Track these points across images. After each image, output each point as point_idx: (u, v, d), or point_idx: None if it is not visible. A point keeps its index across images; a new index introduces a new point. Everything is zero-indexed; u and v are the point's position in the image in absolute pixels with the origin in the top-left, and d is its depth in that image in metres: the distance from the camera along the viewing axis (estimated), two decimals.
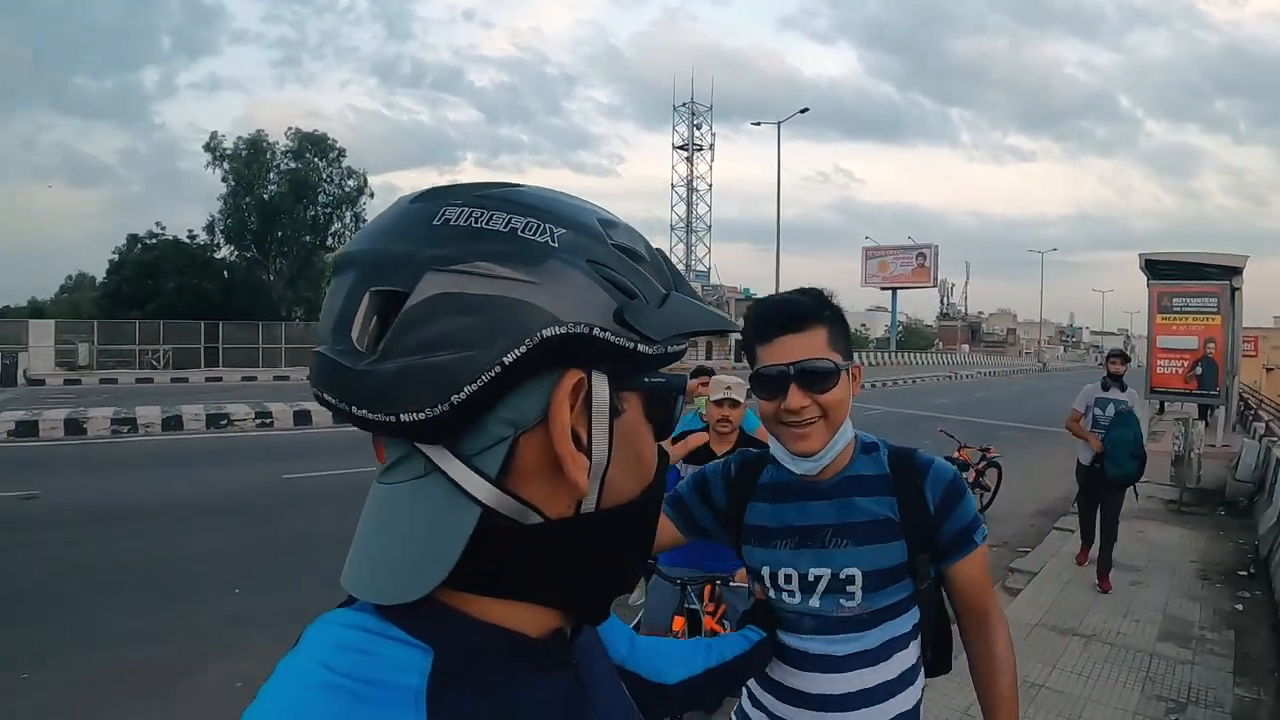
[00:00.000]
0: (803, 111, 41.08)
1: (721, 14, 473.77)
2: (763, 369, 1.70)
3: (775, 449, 1.82)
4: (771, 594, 1.83)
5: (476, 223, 0.65)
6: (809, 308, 1.71)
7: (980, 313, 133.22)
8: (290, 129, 48.83)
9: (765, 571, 1.82)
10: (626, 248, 0.70)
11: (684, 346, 0.71)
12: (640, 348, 0.66)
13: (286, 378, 32.43)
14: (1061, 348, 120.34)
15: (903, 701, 1.78)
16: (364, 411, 0.63)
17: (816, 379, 1.66)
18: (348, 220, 49.65)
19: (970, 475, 9.55)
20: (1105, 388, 7.40)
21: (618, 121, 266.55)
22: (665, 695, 1.39)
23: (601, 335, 0.64)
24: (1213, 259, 13.72)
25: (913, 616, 1.81)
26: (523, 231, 0.65)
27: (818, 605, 1.75)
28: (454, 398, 0.61)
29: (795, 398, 1.65)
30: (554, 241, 0.65)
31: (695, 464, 4.21)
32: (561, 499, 0.68)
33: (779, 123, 40.11)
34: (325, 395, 0.66)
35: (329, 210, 49.51)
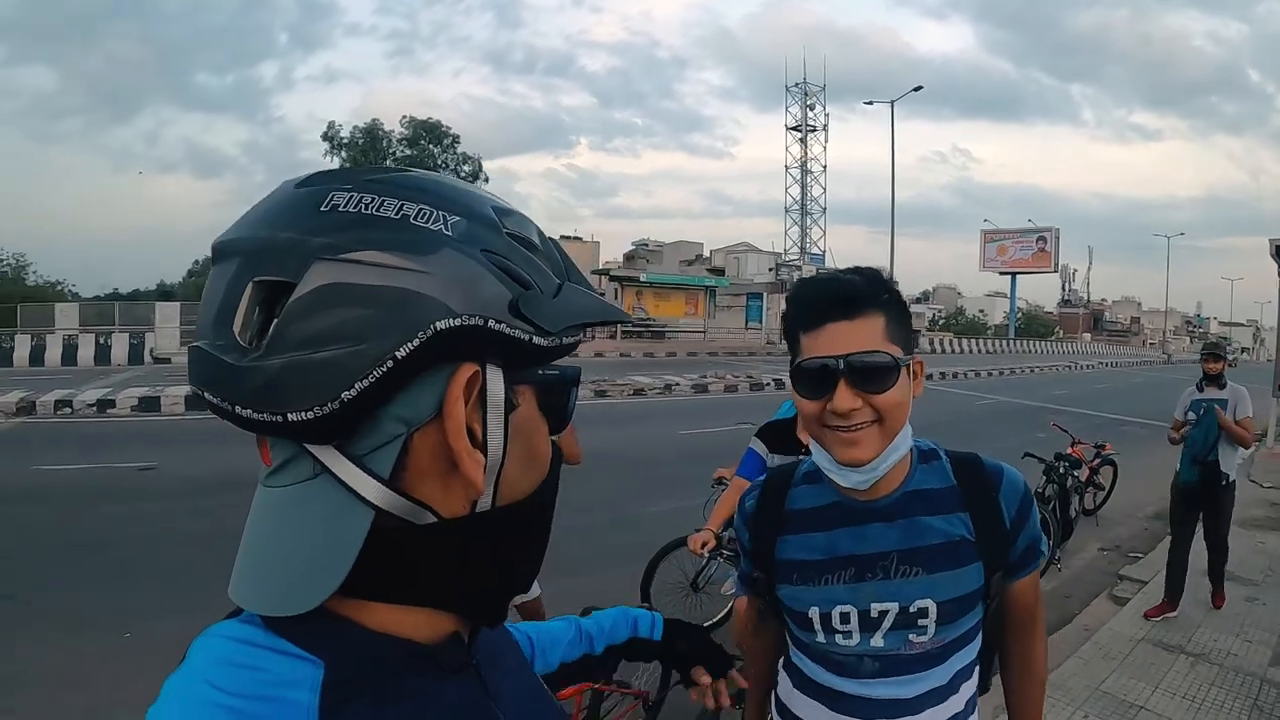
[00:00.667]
0: (916, 89, 40.43)
1: None
2: (805, 362, 1.46)
3: (818, 457, 1.55)
4: (820, 637, 1.59)
5: (367, 209, 0.62)
6: (863, 290, 1.44)
7: (1103, 300, 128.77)
8: (405, 117, 49.92)
9: (815, 613, 1.58)
10: (521, 236, 0.69)
11: (578, 338, 0.70)
12: (535, 340, 0.65)
13: None
14: (1187, 338, 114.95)
15: None
16: (248, 411, 0.61)
17: (870, 376, 1.41)
18: None
19: (1084, 473, 8.90)
20: (1201, 388, 6.57)
21: (731, 103, 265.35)
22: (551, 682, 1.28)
23: (496, 327, 0.63)
24: None
25: (978, 642, 1.63)
26: (415, 218, 0.63)
27: (882, 644, 1.54)
28: (344, 395, 0.59)
29: (844, 398, 1.40)
30: (448, 229, 0.64)
31: (777, 449, 4.15)
32: (456, 497, 0.66)
33: (893, 101, 39.32)
34: (206, 394, 0.63)
35: None
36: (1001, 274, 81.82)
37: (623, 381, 21.88)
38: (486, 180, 51.91)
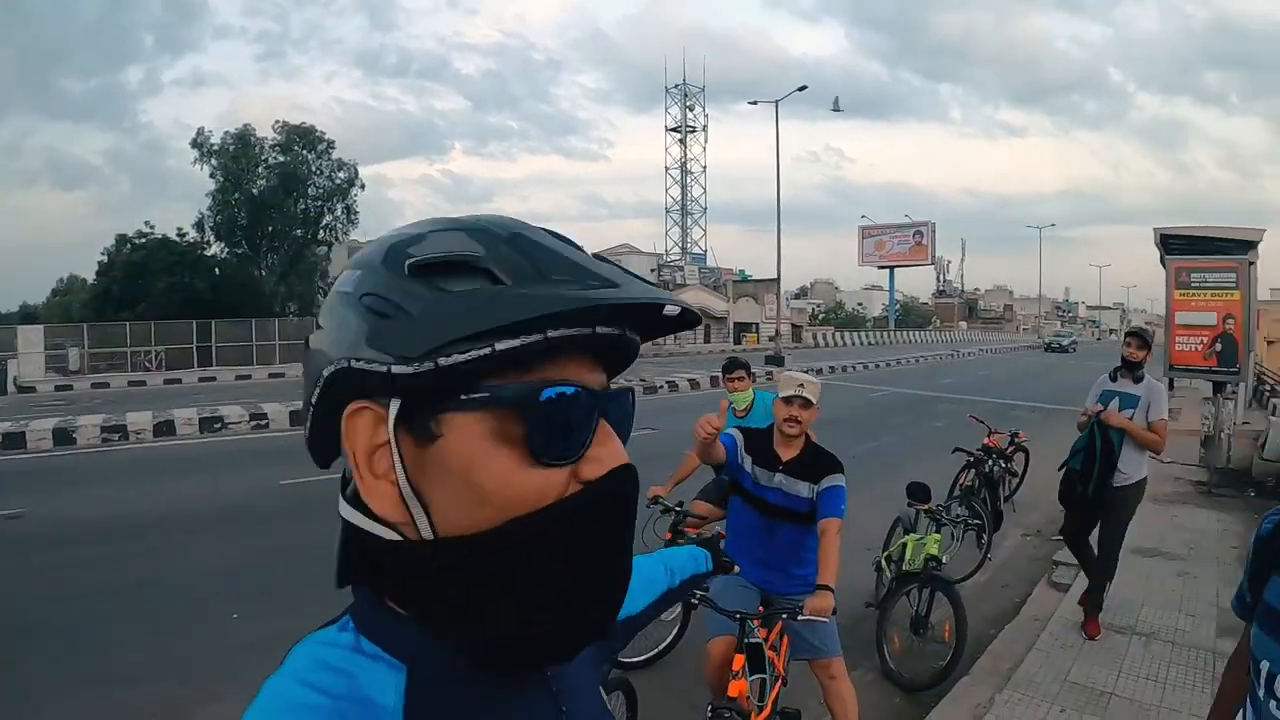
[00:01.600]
0: (801, 89, 40.27)
1: None
2: None
3: None
4: (1260, 691, 1.51)
5: (334, 288, 0.73)
6: None
7: (976, 289, 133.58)
8: (278, 122, 48.01)
9: (1264, 667, 1.50)
10: (430, 261, 0.67)
11: (475, 353, 0.63)
12: (395, 369, 0.64)
13: (282, 374, 31.75)
14: (1058, 323, 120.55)
15: None
16: None
17: None
18: (339, 213, 49.03)
19: (1002, 462, 8.91)
20: (1115, 377, 5.78)
21: (606, 106, 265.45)
22: (632, 625, 1.35)
23: (356, 365, 0.66)
24: (1229, 233, 13.48)
25: None
26: (340, 286, 0.71)
27: None
28: (306, 435, 0.74)
29: None
30: (349, 286, 0.70)
31: (761, 463, 3.98)
32: (400, 522, 0.69)
33: (777, 101, 38.92)
34: None
35: (320, 203, 48.67)
36: (880, 268, 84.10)
37: None
38: (362, 188, 50.53)
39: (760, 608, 3.90)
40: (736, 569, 1.97)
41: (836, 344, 58.24)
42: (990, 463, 8.20)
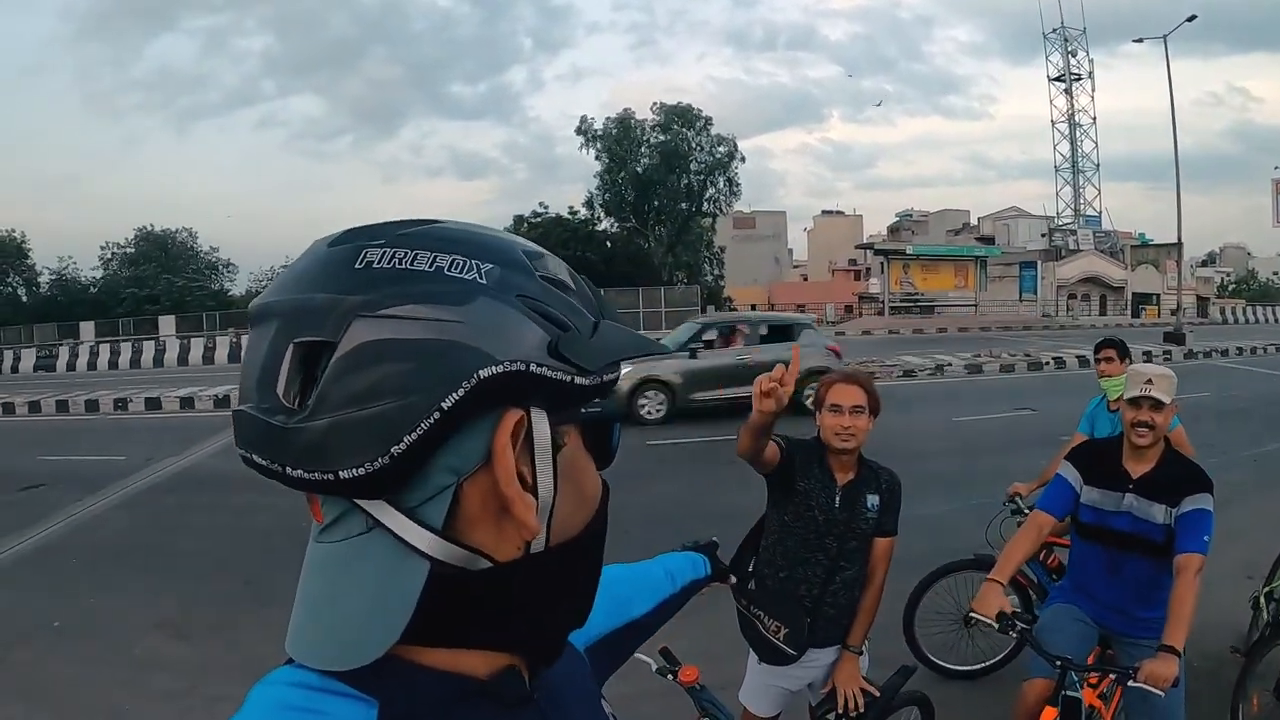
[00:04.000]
0: (1190, 19, 33.79)
1: None
2: None
3: None
4: None
5: (400, 263, 0.63)
6: None
7: None
8: (656, 104, 51.33)
9: None
10: (554, 278, 0.69)
11: (616, 374, 0.69)
12: (577, 380, 0.65)
13: None
14: None
15: None
16: (299, 471, 0.61)
17: None
18: (721, 185, 51.95)
19: None
20: None
21: (982, 59, 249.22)
22: (639, 629, 1.33)
23: (538, 370, 0.63)
24: None
25: None
26: (449, 270, 0.64)
27: None
28: (394, 449, 0.60)
29: None
30: (482, 278, 0.64)
31: (1095, 481, 3.41)
32: (510, 541, 0.66)
33: (1165, 36, 34.04)
34: (254, 457, 0.63)
35: (702, 177, 51.60)
36: None
37: (891, 362, 21.19)
38: (743, 160, 52.67)
39: (1097, 647, 3.39)
40: (733, 580, 1.92)
41: (1248, 320, 51.59)
42: None
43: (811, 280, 74.65)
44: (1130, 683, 2.80)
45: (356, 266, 0.63)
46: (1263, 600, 4.94)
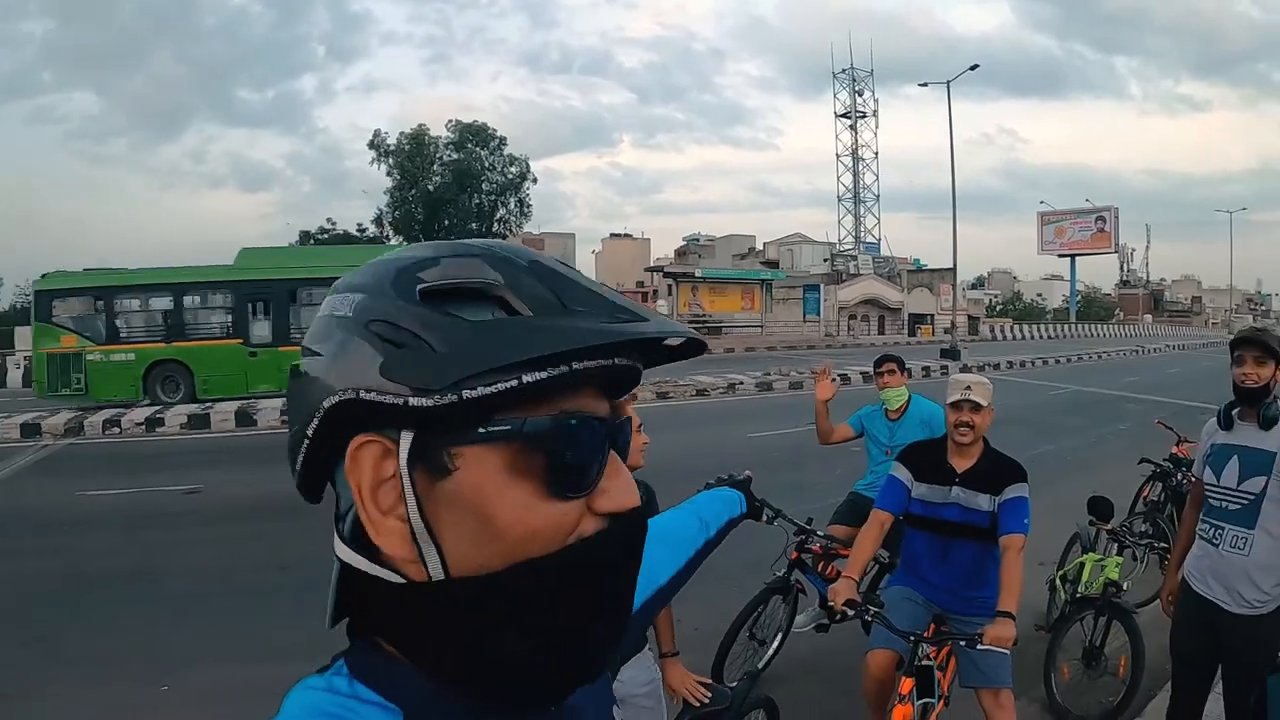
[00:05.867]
0: (972, 69, 38.21)
1: None
2: None
3: None
4: None
5: (321, 311, 0.70)
6: None
7: (1162, 280, 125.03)
8: (451, 121, 50.46)
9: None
10: (444, 288, 0.65)
11: (502, 385, 0.61)
12: (412, 401, 0.62)
13: None
14: (1250, 317, 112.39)
15: None
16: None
17: None
18: (512, 206, 51.13)
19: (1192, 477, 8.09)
20: (1226, 421, 3.60)
21: (772, 94, 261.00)
22: (660, 597, 1.29)
23: (366, 396, 0.62)
24: None
25: None
26: (334, 309, 0.68)
27: None
28: (295, 467, 0.68)
29: None
30: (349, 311, 0.66)
31: (925, 477, 3.74)
32: (405, 562, 0.66)
33: (948, 82, 37.39)
34: None
35: (494, 198, 50.90)
36: (1060, 256, 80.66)
37: (684, 382, 21.42)
38: (534, 181, 52.29)
39: (932, 627, 3.69)
40: (766, 516, 1.97)
41: (1014, 337, 56.17)
42: (1180, 476, 7.28)
43: None
44: (979, 646, 3.16)
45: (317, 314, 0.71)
46: (1059, 582, 5.65)
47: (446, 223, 48.89)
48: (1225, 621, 3.44)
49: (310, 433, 0.65)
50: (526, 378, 0.62)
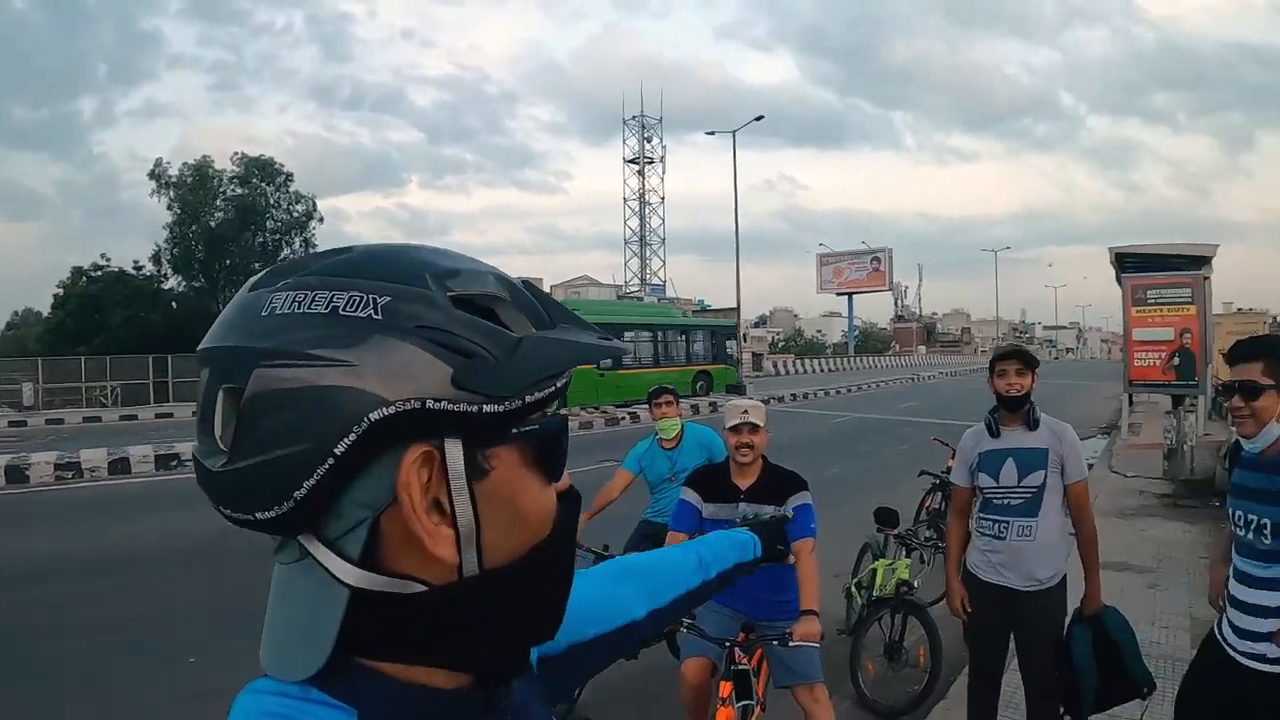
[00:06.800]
0: (758, 119, 40.87)
1: (659, 26, 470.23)
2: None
3: None
4: None
5: (299, 307, 0.64)
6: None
7: (934, 313, 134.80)
8: (236, 154, 47.64)
9: (1237, 515, 3.01)
10: (469, 297, 0.66)
11: (549, 390, 0.67)
12: (486, 409, 0.63)
13: None
14: None
15: None
16: (228, 511, 0.64)
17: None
18: (297, 246, 48.28)
19: None
20: (994, 429, 3.97)
21: (563, 138, 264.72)
22: (635, 630, 1.20)
23: (437, 406, 0.62)
24: (1182, 249, 13.97)
25: None
26: (345, 309, 0.63)
27: None
28: (296, 494, 0.61)
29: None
30: (377, 313, 0.63)
31: (711, 498, 3.94)
32: (438, 566, 0.66)
33: (734, 131, 39.53)
34: (206, 494, 0.66)
35: (278, 237, 48.18)
36: (838, 294, 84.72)
37: None
38: (320, 221, 50.17)
39: (742, 634, 3.85)
40: (791, 559, 1.86)
41: (797, 371, 58.49)
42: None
43: None
44: (790, 643, 3.46)
45: (262, 314, 0.64)
46: (854, 589, 6.07)
47: (229, 262, 46.00)
48: (1020, 601, 3.88)
49: (340, 450, 0.60)
50: (559, 384, 0.69)
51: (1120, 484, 12.16)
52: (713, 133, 42.41)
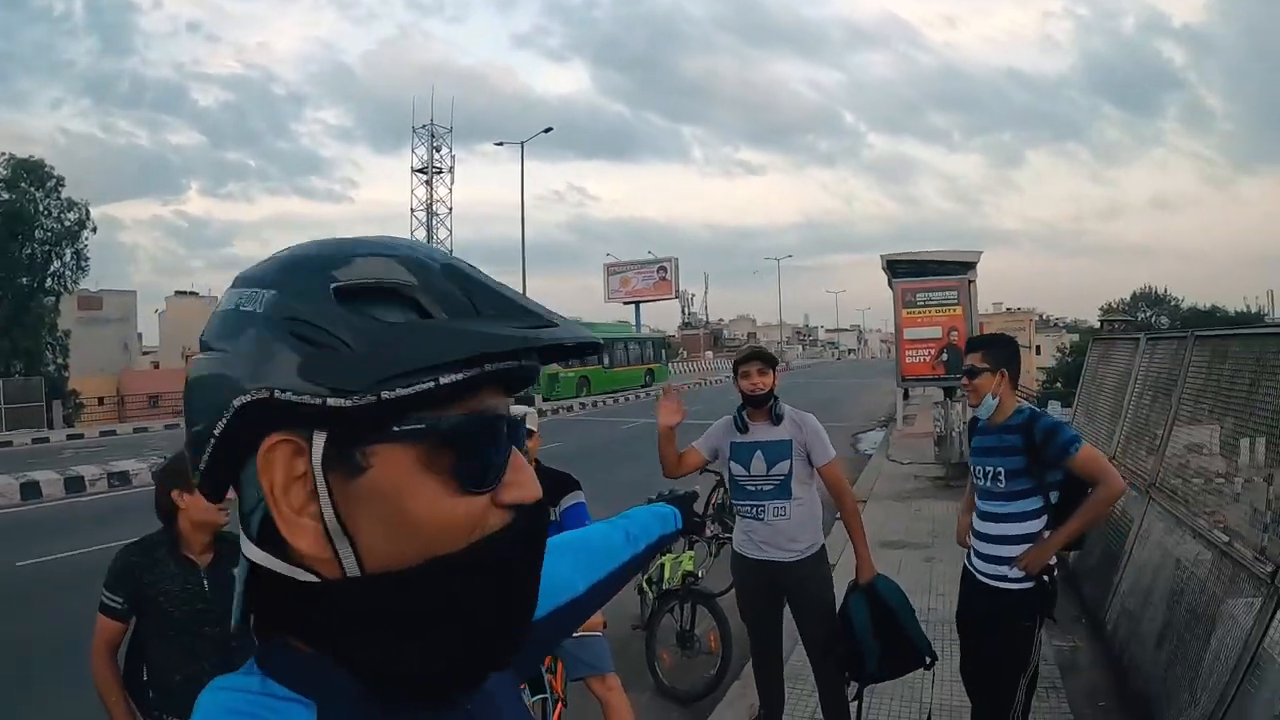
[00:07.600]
0: (547, 131, 40.03)
1: (455, 31, 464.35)
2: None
3: None
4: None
5: (224, 304, 0.69)
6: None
7: (721, 319, 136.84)
8: (4, 155, 42.52)
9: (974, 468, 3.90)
10: (355, 286, 0.66)
11: (424, 386, 0.64)
12: (331, 402, 0.63)
13: (9, 443, 26.03)
14: (800, 346, 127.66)
15: None
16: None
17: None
18: (68, 259, 43.08)
19: None
20: (742, 425, 4.33)
21: (350, 144, 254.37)
22: (578, 608, 1.21)
23: (282, 396, 0.63)
24: (949, 255, 14.85)
25: None
26: (242, 304, 0.67)
27: None
28: (200, 467, 0.68)
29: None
30: (259, 308, 0.66)
31: None
32: (322, 562, 0.67)
33: (523, 143, 38.97)
34: None
35: (48, 248, 43.10)
36: (625, 303, 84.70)
37: None
38: (94, 230, 44.84)
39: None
40: (710, 530, 1.94)
41: None
42: None
43: (164, 368, 67.36)
44: (574, 634, 3.33)
45: (214, 309, 0.70)
46: (645, 585, 6.21)
47: None
48: (785, 571, 4.26)
49: (218, 432, 0.65)
50: (443, 380, 0.64)
51: (897, 470, 13.60)
52: (501, 143, 41.96)
